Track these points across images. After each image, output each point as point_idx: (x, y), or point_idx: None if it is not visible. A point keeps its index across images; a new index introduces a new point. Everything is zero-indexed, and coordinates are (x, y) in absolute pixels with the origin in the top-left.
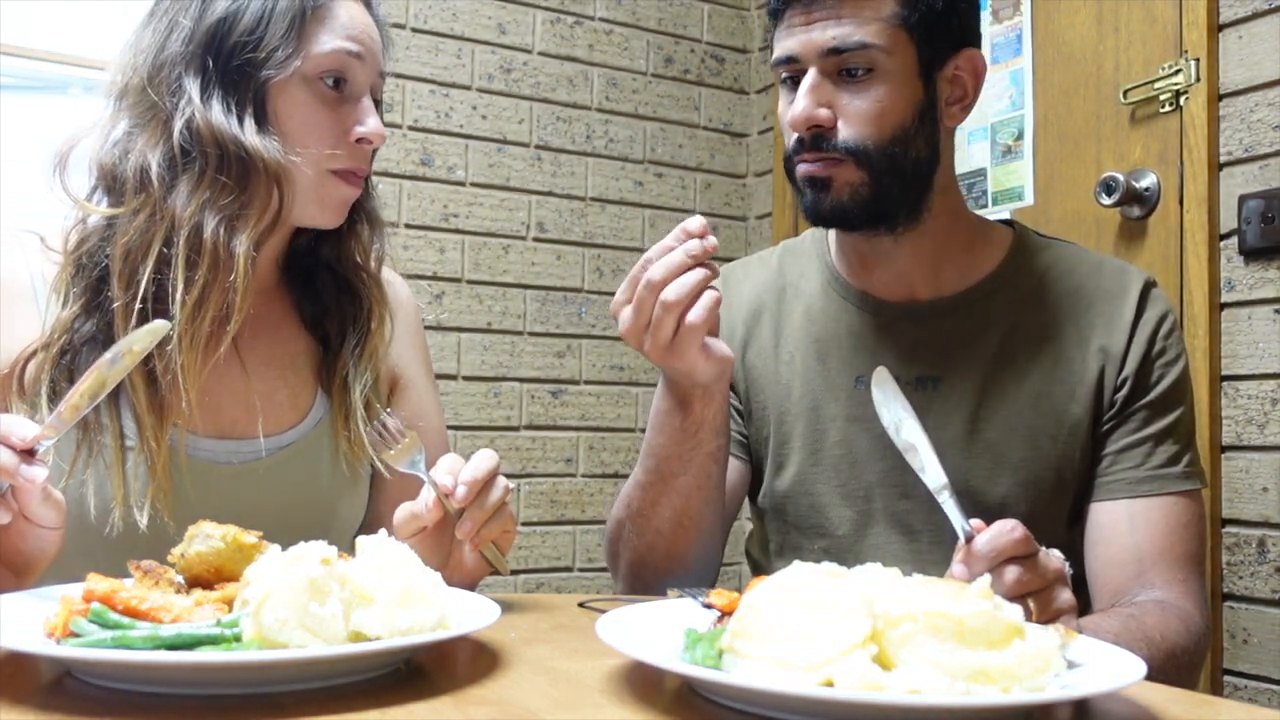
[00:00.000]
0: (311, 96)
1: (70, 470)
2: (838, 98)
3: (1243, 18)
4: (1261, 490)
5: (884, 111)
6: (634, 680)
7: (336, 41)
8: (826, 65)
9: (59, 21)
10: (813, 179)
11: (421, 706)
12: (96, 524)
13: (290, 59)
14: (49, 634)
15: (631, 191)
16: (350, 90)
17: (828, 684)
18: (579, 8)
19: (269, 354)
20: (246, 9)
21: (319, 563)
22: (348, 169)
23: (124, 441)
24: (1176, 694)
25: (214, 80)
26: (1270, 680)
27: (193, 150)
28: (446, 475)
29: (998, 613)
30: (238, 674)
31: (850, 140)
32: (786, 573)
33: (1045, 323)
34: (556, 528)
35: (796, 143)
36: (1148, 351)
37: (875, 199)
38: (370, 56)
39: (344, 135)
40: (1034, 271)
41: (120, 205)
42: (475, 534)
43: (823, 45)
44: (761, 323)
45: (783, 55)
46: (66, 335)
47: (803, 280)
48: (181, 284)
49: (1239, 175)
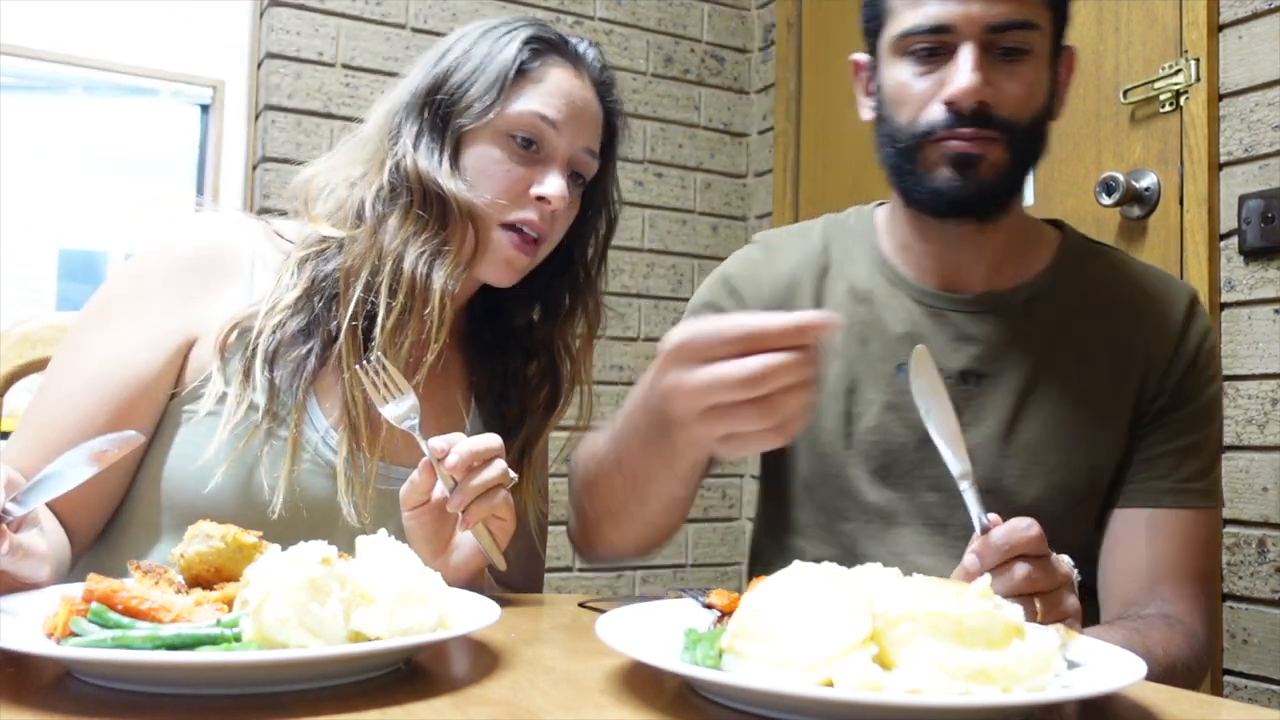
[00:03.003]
0: (499, 150)
1: (244, 446)
2: (994, 75)
3: (1243, 18)
4: (1261, 490)
5: (1032, 95)
6: (634, 680)
7: (534, 104)
8: (985, 40)
9: (59, 21)
10: (963, 157)
11: (421, 706)
12: (265, 502)
13: (487, 112)
14: (49, 634)
15: (631, 191)
16: (542, 153)
17: (828, 684)
18: (579, 8)
19: (429, 397)
20: (466, 64)
21: (319, 563)
22: (520, 220)
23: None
24: (1176, 694)
25: (425, 126)
26: (1270, 680)
27: (400, 188)
28: (444, 441)
29: (998, 613)
30: (238, 674)
31: (1008, 117)
32: (786, 573)
33: (1093, 329)
34: (556, 528)
35: (952, 117)
36: (1191, 365)
37: (1010, 185)
38: (569, 128)
39: (523, 192)
40: (1084, 275)
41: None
42: (464, 507)
43: (988, 19)
44: (796, 298)
45: (930, 23)
46: (281, 317)
47: (847, 260)
48: (383, 309)
49: (1239, 175)
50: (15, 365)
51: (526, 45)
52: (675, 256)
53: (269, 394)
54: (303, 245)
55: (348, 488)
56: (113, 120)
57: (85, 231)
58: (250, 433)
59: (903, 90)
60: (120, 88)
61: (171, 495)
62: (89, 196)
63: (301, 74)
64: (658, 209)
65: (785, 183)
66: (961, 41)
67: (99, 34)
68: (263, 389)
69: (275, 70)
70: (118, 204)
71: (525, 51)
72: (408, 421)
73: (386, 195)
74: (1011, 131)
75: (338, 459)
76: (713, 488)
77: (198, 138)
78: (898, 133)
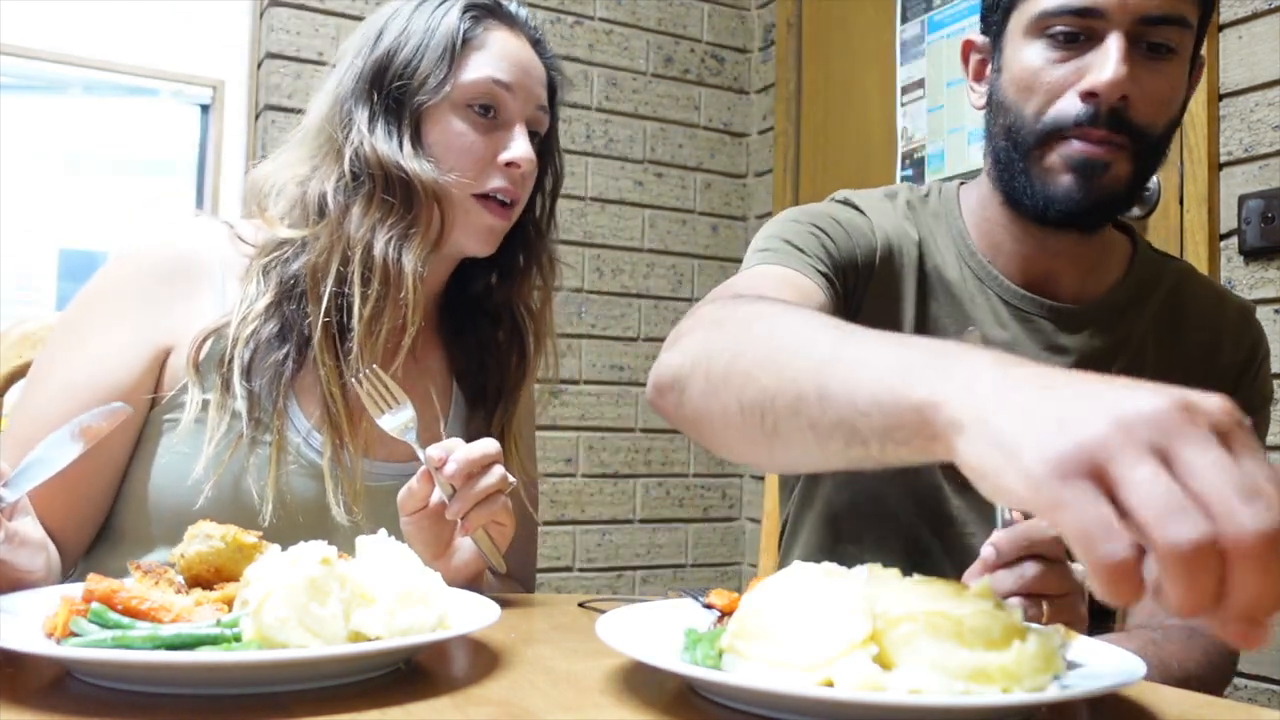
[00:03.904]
0: (461, 122)
1: (230, 458)
2: (1138, 73)
3: (1243, 18)
4: None
5: (1172, 99)
6: (634, 680)
7: (485, 71)
8: (1135, 32)
9: (59, 21)
10: (1090, 163)
11: (421, 706)
12: (254, 510)
13: (443, 85)
14: (49, 634)
15: (631, 191)
16: (502, 118)
17: (828, 684)
18: (579, 8)
19: (410, 384)
20: (408, 42)
21: (319, 563)
22: (494, 189)
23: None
24: (1176, 694)
25: (378, 109)
26: (1270, 680)
27: (361, 175)
28: (441, 450)
29: (998, 613)
30: (238, 674)
31: (1144, 123)
32: (786, 573)
33: (1173, 349)
34: (556, 528)
35: (1089, 111)
36: (1255, 378)
37: (1129, 196)
38: (522, 89)
39: (491, 160)
40: (1159, 285)
41: (305, 228)
42: (463, 515)
43: (1142, 10)
44: (901, 271)
45: (1079, 4)
46: (254, 326)
47: (933, 243)
48: (359, 299)
49: (1239, 175)
50: (15, 365)
51: (466, 13)
52: (675, 256)
53: (249, 403)
54: (263, 252)
55: (335, 488)
56: (113, 120)
57: (85, 231)
58: (235, 443)
59: (1035, 76)
60: (120, 88)
61: (160, 508)
62: (89, 196)
63: (301, 74)
64: (658, 209)
65: (785, 183)
66: (1110, 30)
67: (99, 34)
68: (243, 398)
69: (275, 70)
70: (118, 204)
71: (466, 19)
72: (408, 433)
73: (348, 184)
74: (1142, 139)
75: (323, 460)
76: (713, 488)
77: (198, 138)
78: (1019, 124)
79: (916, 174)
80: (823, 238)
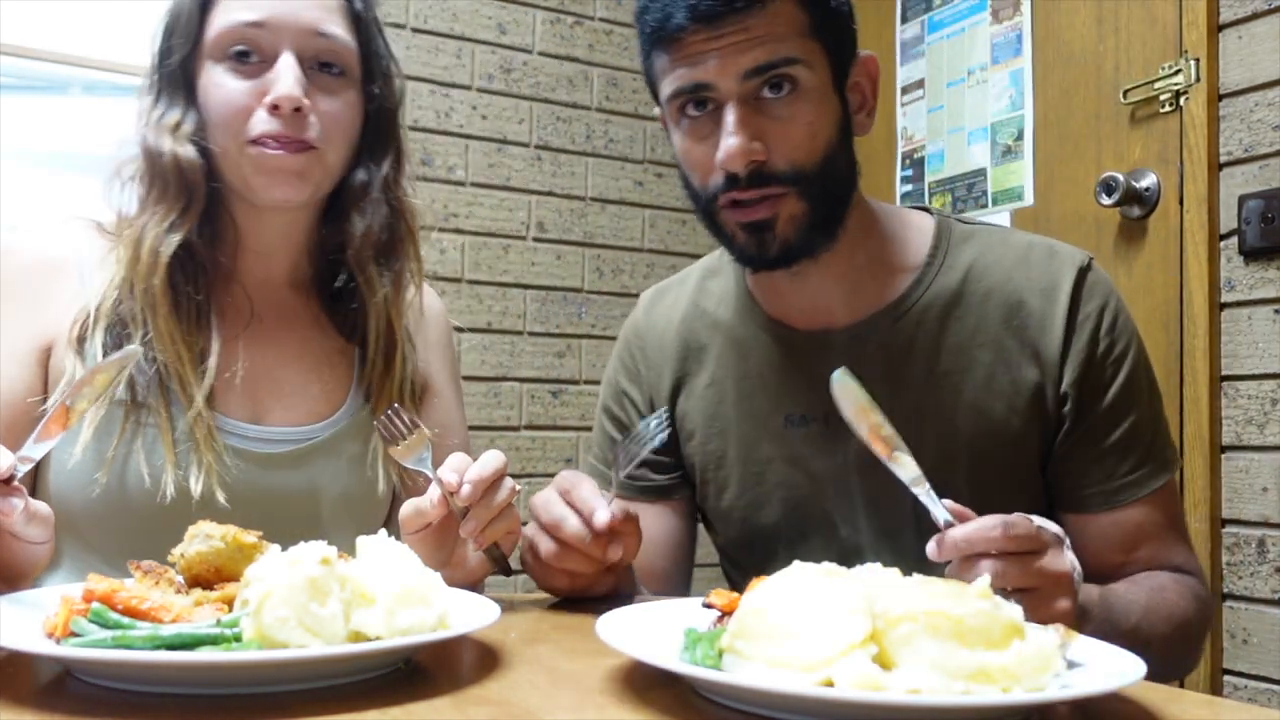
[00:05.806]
0: (221, 71)
1: (116, 444)
2: (765, 125)
3: (1243, 18)
4: (1261, 490)
5: (814, 132)
6: (634, 680)
7: (233, 14)
8: (747, 90)
9: (59, 21)
10: (753, 224)
11: (421, 706)
12: (149, 491)
13: (196, 39)
14: (49, 634)
15: (631, 191)
16: (263, 58)
17: (828, 684)
18: (579, 8)
19: (301, 349)
20: (166, 17)
21: (319, 563)
22: (259, 135)
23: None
24: (1176, 694)
25: (160, 95)
26: (1270, 680)
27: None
28: (453, 473)
29: (998, 613)
30: (238, 674)
31: (789, 168)
32: (786, 573)
33: (973, 328)
34: None
35: (727, 181)
36: (1090, 354)
37: (815, 228)
38: (279, 22)
39: (256, 105)
40: (957, 267)
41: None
42: (479, 533)
43: (743, 67)
44: (691, 361)
45: (689, 84)
46: (112, 302)
47: (720, 308)
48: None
49: (1239, 175)
50: None
51: None
52: (675, 256)
53: (126, 384)
54: (118, 231)
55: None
56: (112, 120)
57: None
58: (121, 428)
59: (686, 155)
60: (120, 88)
61: (67, 502)
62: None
63: None
64: (658, 209)
65: None
66: (725, 101)
67: (99, 34)
68: None
69: None
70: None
71: None
72: (421, 461)
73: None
74: (798, 180)
75: (159, 419)
76: None
77: None
78: (695, 197)
79: (916, 174)
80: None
